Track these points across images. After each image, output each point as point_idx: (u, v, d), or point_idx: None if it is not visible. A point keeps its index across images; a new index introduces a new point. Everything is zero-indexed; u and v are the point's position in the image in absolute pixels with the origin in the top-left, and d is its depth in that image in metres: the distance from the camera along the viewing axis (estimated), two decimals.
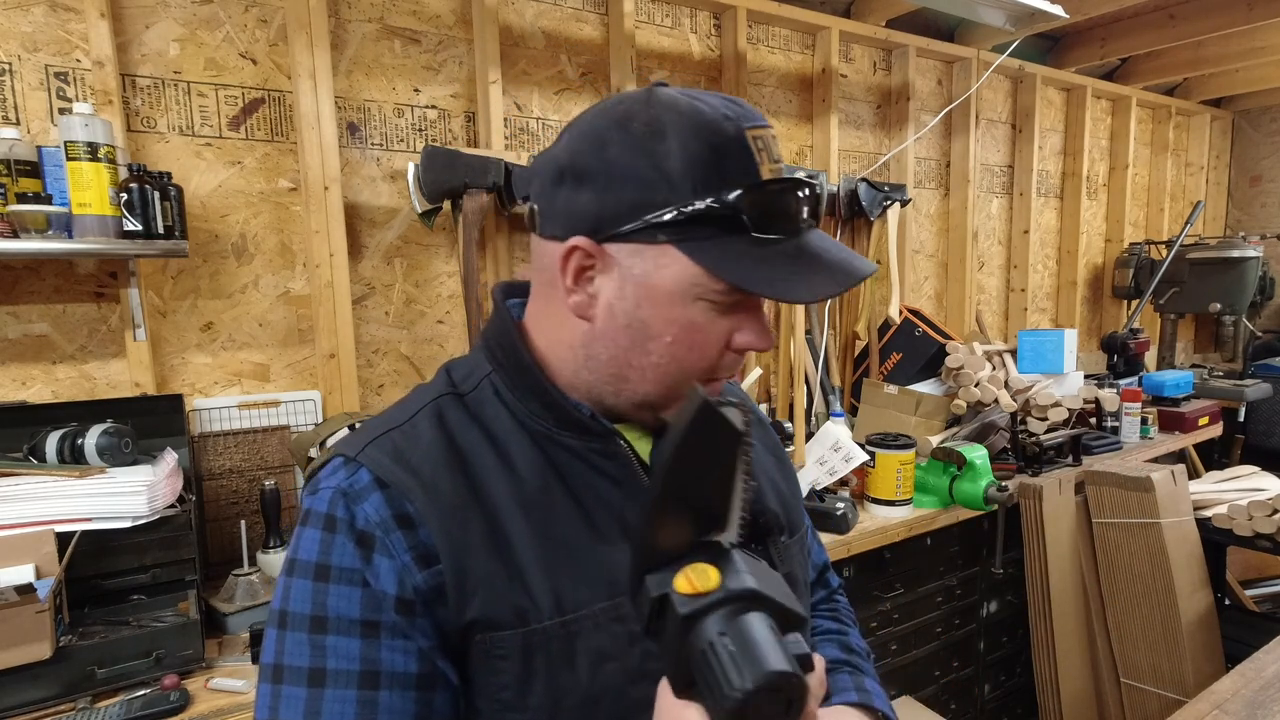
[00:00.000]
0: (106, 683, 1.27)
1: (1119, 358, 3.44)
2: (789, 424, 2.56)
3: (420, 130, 2.05)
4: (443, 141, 2.08)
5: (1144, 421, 2.92)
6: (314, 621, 0.60)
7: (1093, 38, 3.45)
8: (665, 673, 0.51)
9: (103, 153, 1.43)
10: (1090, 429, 2.81)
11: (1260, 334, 4.14)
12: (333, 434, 1.68)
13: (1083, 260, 3.87)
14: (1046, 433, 2.49)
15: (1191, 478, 2.56)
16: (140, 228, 1.50)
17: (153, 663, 1.31)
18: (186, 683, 1.31)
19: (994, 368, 2.60)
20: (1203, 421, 3.13)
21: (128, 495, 1.32)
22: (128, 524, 1.32)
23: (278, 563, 1.65)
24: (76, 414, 1.49)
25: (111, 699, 1.26)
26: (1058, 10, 2.54)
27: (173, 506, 1.40)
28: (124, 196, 1.48)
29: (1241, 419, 3.58)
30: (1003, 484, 2.05)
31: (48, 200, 1.45)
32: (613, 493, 0.68)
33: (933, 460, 2.18)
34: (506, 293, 0.75)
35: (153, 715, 1.22)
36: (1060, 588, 2.33)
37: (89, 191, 1.43)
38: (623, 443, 0.69)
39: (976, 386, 2.47)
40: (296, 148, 1.85)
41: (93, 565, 1.43)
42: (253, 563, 1.59)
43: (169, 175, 1.60)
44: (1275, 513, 2.20)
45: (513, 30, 2.16)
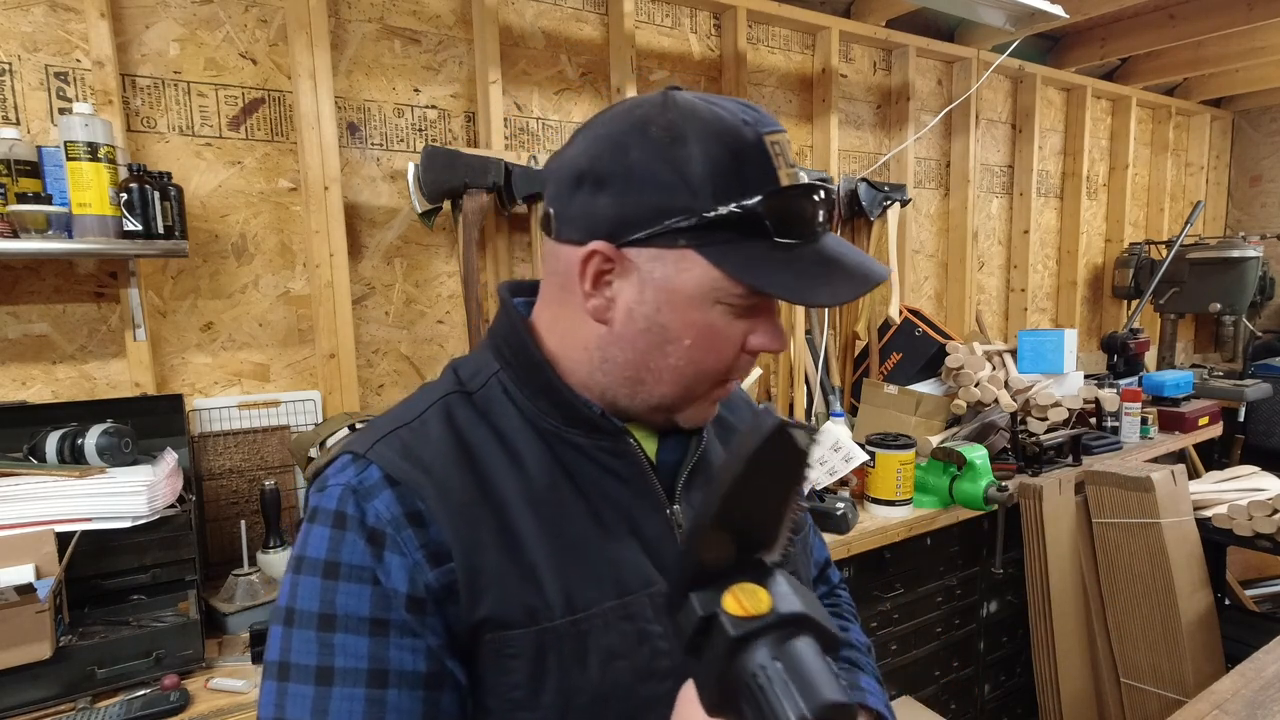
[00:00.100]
0: (106, 683, 1.27)
1: (1119, 358, 3.44)
2: None
3: (420, 130, 2.05)
4: (443, 141, 2.08)
5: (1144, 421, 2.92)
6: (322, 619, 0.59)
7: (1093, 38, 3.45)
8: (701, 689, 0.50)
9: (103, 153, 1.44)
10: (1090, 429, 2.81)
11: (1260, 334, 4.14)
12: (333, 434, 1.68)
13: (1083, 260, 3.87)
14: (1046, 433, 2.49)
15: (1191, 478, 2.56)
16: (140, 228, 1.50)
17: (153, 663, 1.31)
18: (186, 683, 1.31)
19: (994, 368, 2.60)
20: (1203, 421, 3.13)
21: (128, 495, 1.32)
22: (128, 524, 1.32)
23: (278, 563, 1.65)
24: (76, 414, 1.49)
25: (111, 699, 1.26)
26: (1058, 10, 2.54)
27: (173, 506, 1.40)
28: (124, 196, 1.48)
29: (1241, 419, 3.59)
30: (1003, 484, 2.05)
31: (48, 200, 1.45)
32: (620, 491, 0.68)
33: (933, 460, 2.18)
34: (513, 291, 0.75)
35: (153, 715, 1.22)
36: (1060, 588, 2.33)
37: (89, 191, 1.43)
38: (632, 441, 0.69)
39: (976, 386, 2.47)
40: (296, 148, 1.85)
41: (93, 565, 1.43)
42: (253, 563, 1.59)
43: (169, 175, 1.60)
44: (1275, 513, 2.20)
45: (513, 30, 2.16)
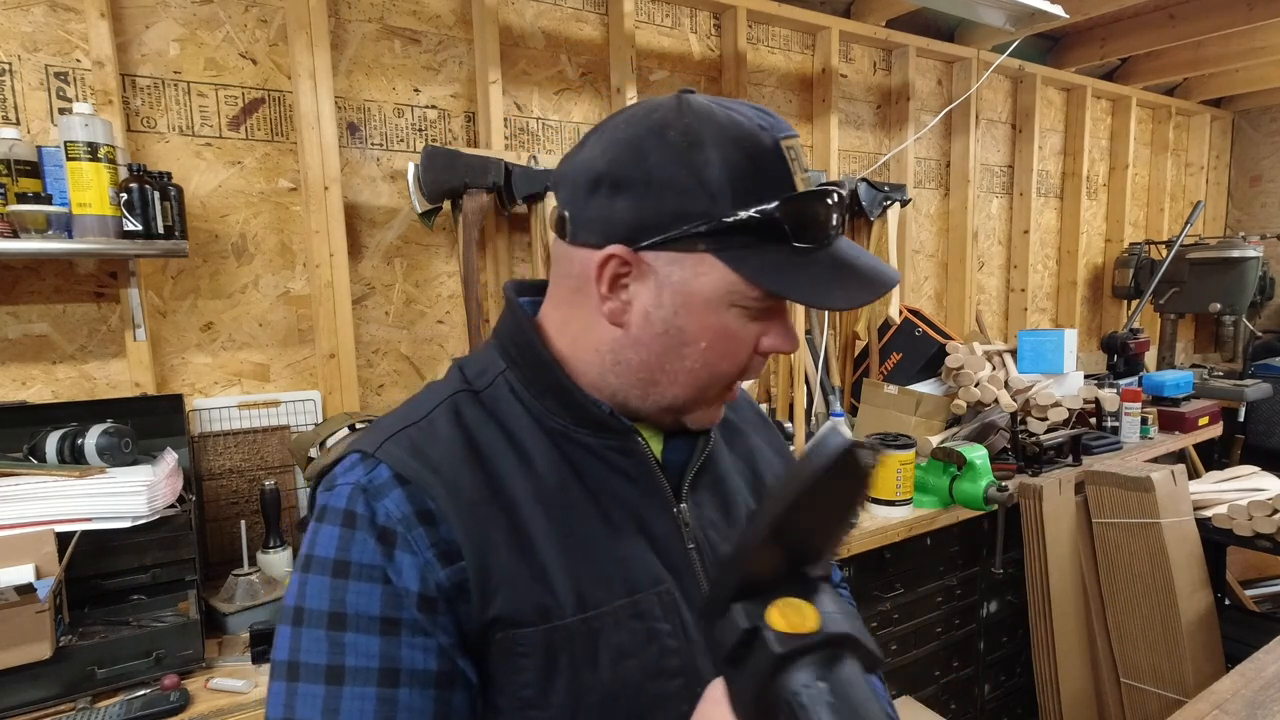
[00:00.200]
0: (106, 683, 1.27)
1: (1119, 358, 3.44)
2: (789, 424, 2.56)
3: (420, 130, 2.05)
4: (443, 141, 2.08)
5: (1144, 421, 2.92)
6: (332, 618, 0.59)
7: (1093, 38, 3.45)
8: (735, 700, 0.49)
9: (103, 153, 1.43)
10: (1090, 429, 2.81)
11: (1260, 334, 4.14)
12: (333, 434, 1.68)
13: (1083, 260, 3.87)
14: (1046, 433, 2.49)
15: (1191, 478, 2.56)
16: (140, 228, 1.50)
17: (153, 663, 1.31)
18: (186, 683, 1.31)
19: (994, 368, 2.60)
20: (1203, 421, 3.13)
21: (128, 495, 1.32)
22: (128, 524, 1.32)
23: (278, 563, 1.65)
24: (76, 414, 1.49)
25: (111, 699, 1.26)
26: (1058, 10, 2.54)
27: (173, 506, 1.40)
28: (124, 196, 1.48)
29: (1241, 419, 3.59)
30: (1003, 484, 2.05)
31: (48, 200, 1.45)
32: (628, 490, 0.69)
33: (933, 460, 2.18)
34: (518, 291, 0.75)
35: (153, 715, 1.22)
36: (1060, 588, 2.33)
37: (89, 191, 1.43)
38: (640, 440, 0.69)
39: (976, 386, 2.47)
40: (296, 148, 1.85)
41: (93, 565, 1.43)
42: (253, 563, 1.59)
43: (169, 175, 1.60)
44: (1275, 513, 2.20)
45: (513, 30, 2.16)
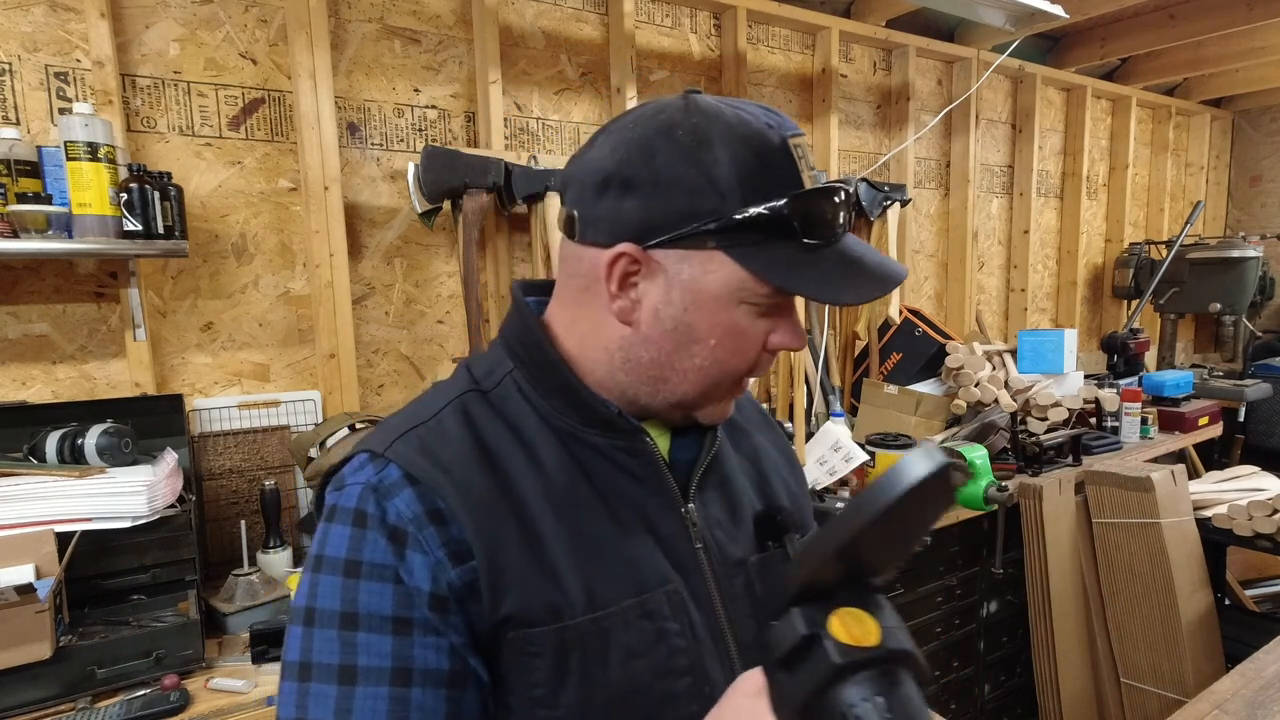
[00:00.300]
0: (106, 683, 1.27)
1: (1119, 358, 3.44)
2: (789, 424, 2.56)
3: (420, 130, 2.05)
4: (443, 141, 2.08)
5: (1144, 421, 2.92)
6: (344, 618, 0.59)
7: (1093, 38, 3.45)
8: (781, 704, 0.49)
9: (103, 153, 1.43)
10: (1090, 429, 2.81)
11: (1260, 334, 4.14)
12: (333, 434, 1.68)
13: (1083, 260, 3.87)
14: (1046, 433, 2.49)
15: (1191, 478, 2.55)
16: (140, 228, 1.50)
17: (153, 663, 1.31)
18: (186, 683, 1.31)
19: (994, 368, 2.60)
20: (1203, 421, 3.13)
21: (128, 495, 1.32)
22: (128, 524, 1.32)
23: (278, 563, 1.65)
24: (76, 414, 1.49)
25: (111, 699, 1.26)
26: (1058, 10, 2.54)
27: (173, 506, 1.40)
28: (124, 196, 1.48)
29: (1241, 419, 3.59)
30: (1003, 484, 2.05)
31: (48, 200, 1.45)
32: (636, 490, 0.69)
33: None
34: (524, 290, 0.75)
35: (153, 715, 1.22)
36: (1060, 588, 2.33)
37: (89, 191, 1.43)
38: (648, 440, 0.69)
39: (976, 386, 2.47)
40: (296, 148, 1.85)
41: (93, 565, 1.43)
42: (253, 563, 1.59)
43: (169, 175, 1.60)
44: (1275, 513, 2.20)
45: (513, 30, 2.16)
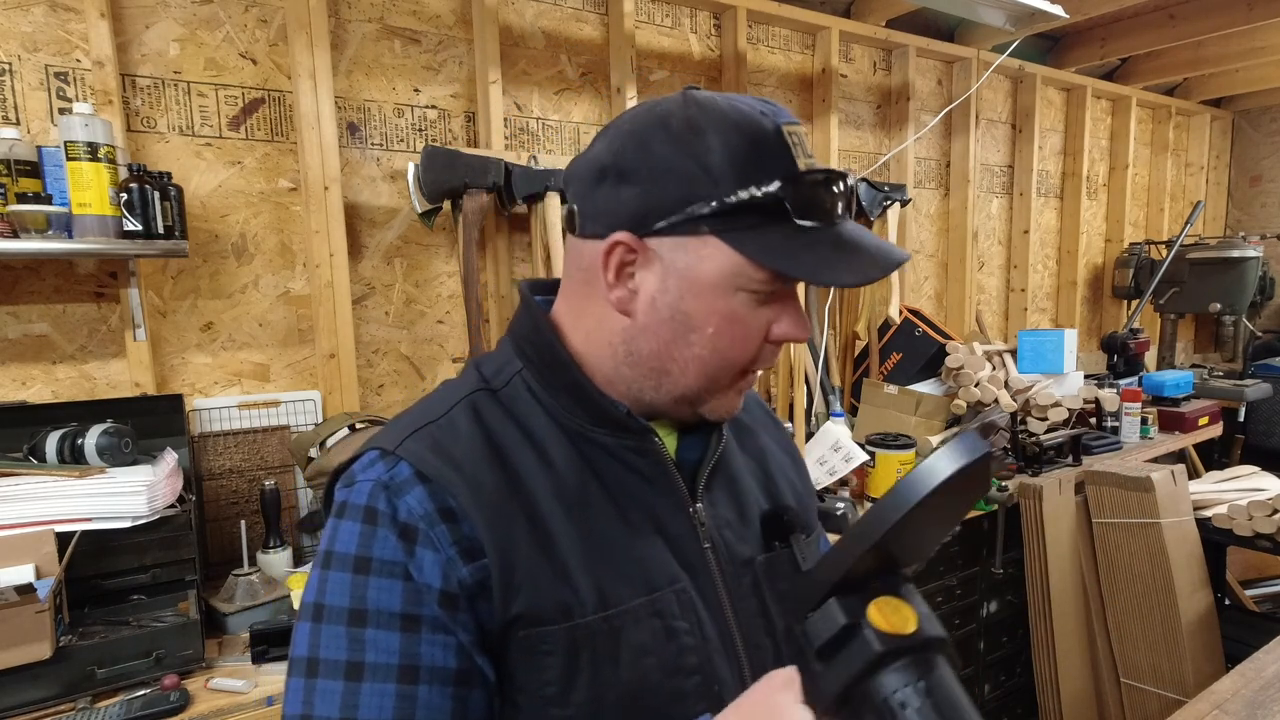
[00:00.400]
0: (106, 683, 1.27)
1: (1119, 358, 3.44)
2: (789, 424, 2.57)
3: (420, 130, 2.05)
4: (443, 141, 2.08)
5: (1144, 421, 2.91)
6: (353, 614, 0.59)
7: (1093, 38, 3.45)
8: (817, 693, 0.48)
9: (103, 153, 1.43)
10: (1090, 429, 2.81)
11: (1260, 334, 4.14)
12: (333, 434, 1.68)
13: (1083, 260, 3.87)
14: (1046, 433, 2.49)
15: (1191, 478, 2.55)
16: (140, 228, 1.50)
17: (153, 663, 1.31)
18: (186, 683, 1.31)
19: (994, 368, 2.60)
20: (1203, 421, 3.13)
21: (128, 495, 1.32)
22: (128, 524, 1.32)
23: (278, 563, 1.65)
24: (76, 414, 1.49)
25: (111, 699, 1.26)
26: (1058, 10, 2.54)
27: (173, 506, 1.40)
28: (124, 196, 1.48)
29: (1241, 419, 3.58)
30: (1003, 484, 2.06)
31: (48, 200, 1.45)
32: (645, 490, 0.69)
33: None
34: (532, 289, 0.75)
35: (153, 715, 1.22)
36: (1060, 588, 2.33)
37: (89, 191, 1.43)
38: (657, 440, 0.69)
39: (976, 386, 2.47)
40: (296, 148, 1.85)
41: (93, 565, 1.43)
42: (253, 563, 1.59)
43: (169, 175, 1.60)
44: (1275, 513, 2.20)
45: (513, 30, 2.16)
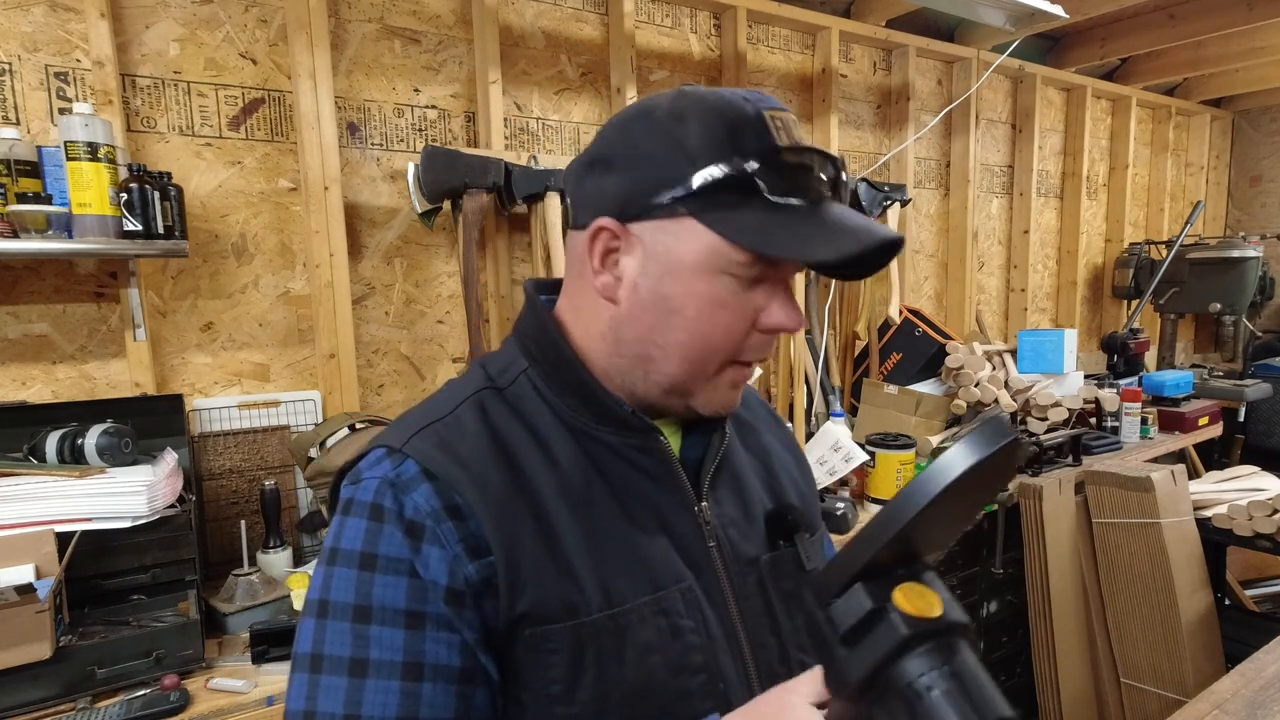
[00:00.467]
0: (106, 683, 1.27)
1: (1119, 358, 3.44)
2: (788, 424, 2.56)
3: (420, 130, 2.05)
4: (443, 141, 2.08)
5: (1144, 421, 2.92)
6: (357, 611, 0.59)
7: (1093, 38, 3.45)
8: (841, 680, 0.48)
9: (103, 153, 1.43)
10: (1090, 429, 2.81)
11: (1260, 334, 4.14)
12: (333, 434, 1.68)
13: (1083, 260, 3.87)
14: (1046, 433, 2.49)
15: (1191, 478, 2.55)
16: (140, 228, 1.50)
17: (153, 663, 1.31)
18: (186, 683, 1.31)
19: (994, 368, 2.60)
20: (1203, 421, 3.13)
21: (128, 495, 1.32)
22: (128, 524, 1.32)
23: (278, 563, 1.65)
24: (76, 414, 1.49)
25: (111, 699, 1.26)
26: (1058, 10, 2.54)
27: (173, 506, 1.40)
28: (124, 196, 1.48)
29: (1241, 419, 3.58)
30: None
31: (48, 200, 1.45)
32: (650, 489, 0.69)
33: (933, 460, 2.18)
34: (538, 289, 0.75)
35: (153, 715, 1.22)
36: (1060, 588, 2.33)
37: (89, 191, 1.43)
38: (662, 439, 0.70)
39: (976, 386, 2.47)
40: (296, 148, 1.85)
41: (93, 565, 1.43)
42: (253, 563, 1.58)
43: (169, 175, 1.60)
44: (1275, 513, 2.20)
45: (513, 30, 2.16)
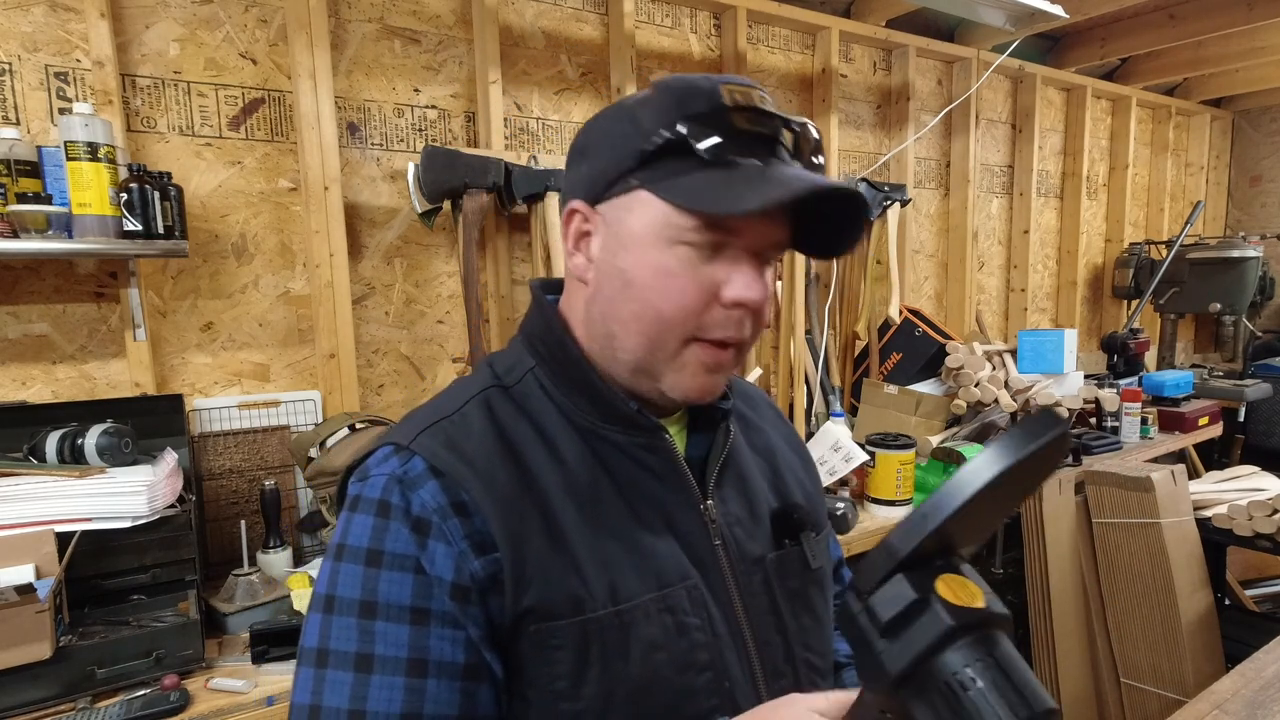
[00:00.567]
0: (106, 683, 1.27)
1: (1119, 358, 3.44)
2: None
3: (420, 130, 2.05)
4: (443, 141, 2.08)
5: (1144, 421, 2.91)
6: (363, 606, 0.60)
7: (1093, 38, 3.45)
8: (877, 673, 0.47)
9: (103, 153, 1.43)
10: (1090, 429, 2.81)
11: (1260, 334, 4.14)
12: (333, 434, 1.68)
13: (1083, 260, 3.87)
14: None
15: (1191, 478, 2.55)
16: (140, 228, 1.50)
17: (153, 663, 1.31)
18: (186, 683, 1.31)
19: (994, 368, 2.60)
20: (1203, 421, 3.13)
21: (128, 495, 1.32)
22: (128, 524, 1.32)
23: (278, 563, 1.65)
24: (76, 414, 1.49)
25: (111, 699, 1.26)
26: (1058, 10, 2.54)
27: (173, 506, 1.40)
28: (124, 196, 1.48)
29: (1241, 419, 3.58)
30: None
31: (48, 200, 1.45)
32: (656, 487, 0.69)
33: (933, 460, 2.18)
34: (544, 288, 0.76)
35: (153, 715, 1.22)
36: (1060, 588, 2.33)
37: (89, 191, 1.43)
38: (667, 437, 0.70)
39: (976, 386, 2.47)
40: (296, 148, 1.85)
41: (93, 565, 1.43)
42: (253, 563, 1.58)
43: (169, 175, 1.60)
44: (1275, 513, 2.20)
45: (513, 30, 2.16)
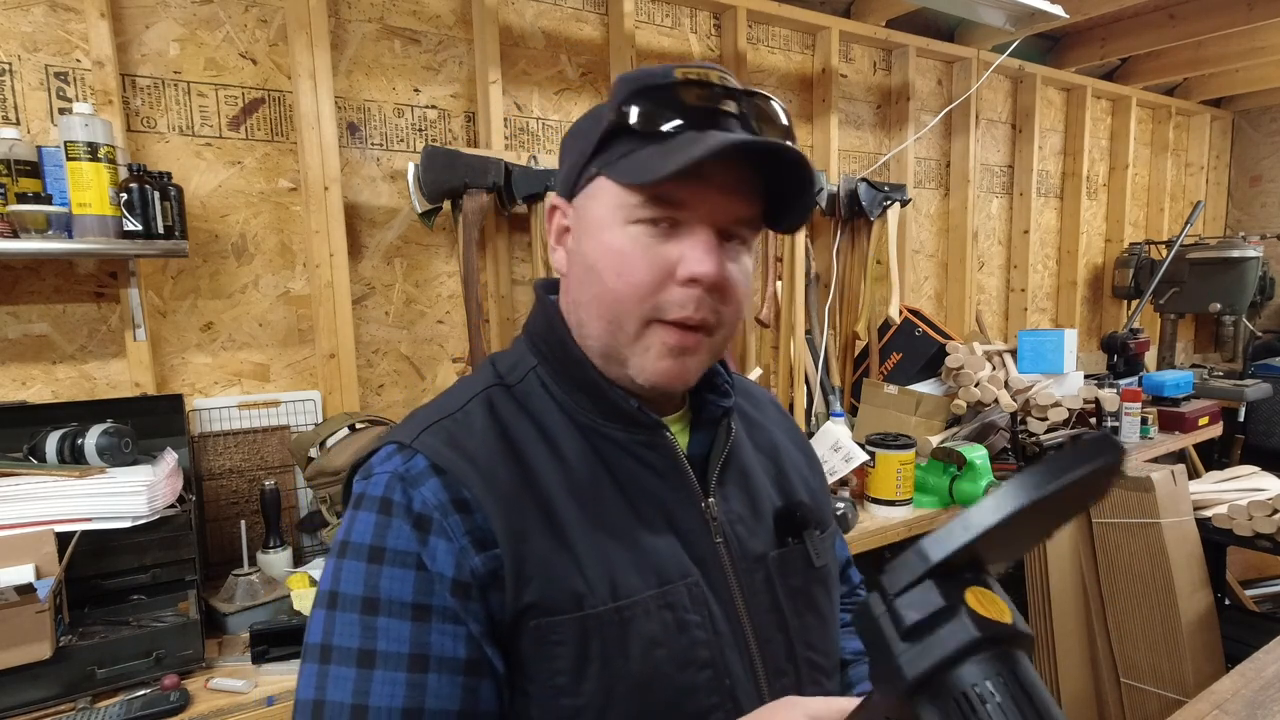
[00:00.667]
0: (106, 683, 1.27)
1: (1119, 358, 3.44)
2: None
3: (420, 130, 2.05)
4: (443, 141, 2.08)
5: (1144, 421, 2.91)
6: (366, 603, 0.60)
7: (1093, 38, 3.45)
8: (893, 683, 0.47)
9: (103, 153, 1.43)
10: (1090, 429, 2.81)
11: (1260, 334, 4.14)
12: (333, 434, 1.68)
13: (1083, 260, 3.87)
14: (1046, 433, 2.49)
15: (1191, 478, 2.55)
16: (140, 228, 1.50)
17: (153, 663, 1.31)
18: (186, 683, 1.31)
19: (994, 368, 2.60)
20: (1203, 421, 3.13)
21: (128, 495, 1.32)
22: (128, 524, 1.32)
23: (278, 563, 1.65)
24: (76, 414, 1.49)
25: (111, 699, 1.26)
26: (1058, 10, 2.54)
27: (173, 506, 1.40)
28: (124, 196, 1.48)
29: (1241, 419, 3.58)
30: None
31: (48, 200, 1.45)
32: (657, 485, 0.69)
33: (933, 460, 2.18)
34: (546, 288, 0.77)
35: (153, 715, 1.22)
36: (1060, 588, 2.33)
37: (89, 191, 1.43)
38: (668, 435, 0.70)
39: (976, 386, 2.47)
40: (296, 148, 1.85)
41: (93, 565, 1.43)
42: (253, 563, 1.58)
43: (169, 175, 1.60)
44: (1275, 513, 2.20)
45: (513, 30, 2.16)
